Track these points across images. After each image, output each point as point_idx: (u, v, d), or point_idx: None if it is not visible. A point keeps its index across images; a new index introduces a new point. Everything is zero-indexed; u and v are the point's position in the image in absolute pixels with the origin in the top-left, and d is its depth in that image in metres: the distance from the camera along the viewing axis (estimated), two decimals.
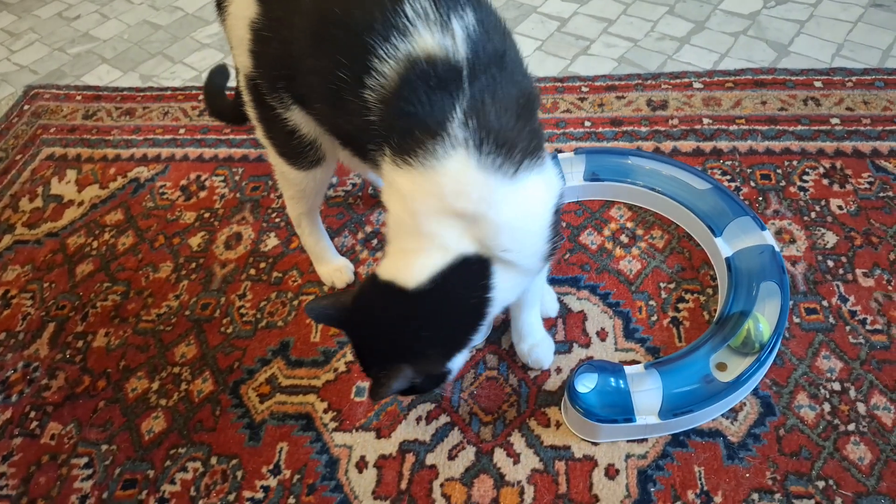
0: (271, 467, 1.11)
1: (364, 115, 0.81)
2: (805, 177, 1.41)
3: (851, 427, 1.04)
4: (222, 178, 1.66)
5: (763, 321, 1.09)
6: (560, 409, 1.12)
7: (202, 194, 1.63)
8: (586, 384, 1.06)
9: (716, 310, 1.21)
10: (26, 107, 2.03)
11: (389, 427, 1.14)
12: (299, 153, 1.09)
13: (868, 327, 1.15)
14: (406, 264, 0.85)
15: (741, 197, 1.38)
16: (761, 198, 1.38)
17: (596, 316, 1.24)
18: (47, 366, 1.33)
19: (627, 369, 1.08)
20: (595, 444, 1.07)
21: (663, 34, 1.89)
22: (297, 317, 1.32)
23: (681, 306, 1.23)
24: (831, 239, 1.29)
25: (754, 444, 1.04)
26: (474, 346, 1.22)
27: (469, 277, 0.84)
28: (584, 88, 1.71)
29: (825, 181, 1.39)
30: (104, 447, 1.19)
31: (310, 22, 0.86)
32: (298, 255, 1.43)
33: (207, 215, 1.58)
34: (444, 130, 0.76)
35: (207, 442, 1.16)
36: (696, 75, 1.68)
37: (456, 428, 1.12)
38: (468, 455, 1.09)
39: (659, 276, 1.28)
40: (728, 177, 1.43)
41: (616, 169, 1.42)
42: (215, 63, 2.11)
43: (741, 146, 1.49)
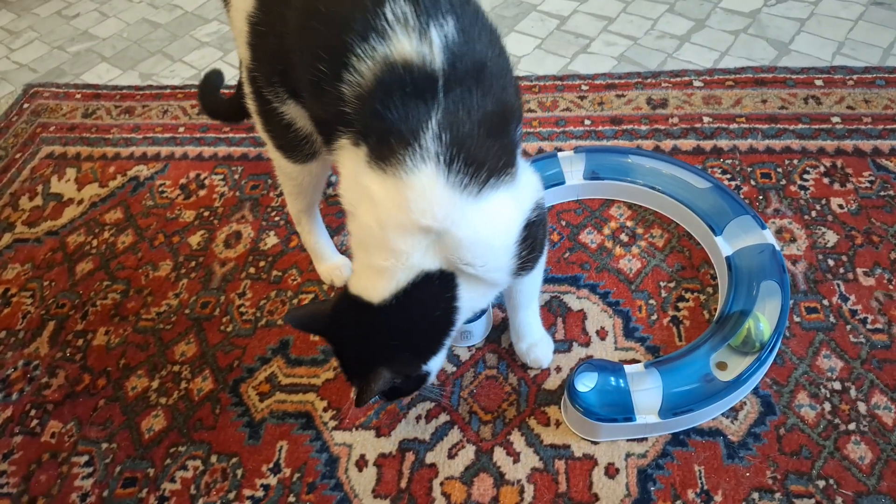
0: (271, 466, 1.12)
1: (339, 106, 0.81)
2: (805, 175, 1.40)
3: (852, 426, 1.04)
4: (222, 177, 1.66)
5: (763, 320, 1.09)
6: (560, 408, 1.12)
7: (202, 193, 1.63)
8: (586, 383, 1.06)
9: (716, 309, 1.21)
10: (26, 105, 2.03)
11: (389, 426, 1.14)
12: (296, 146, 1.10)
13: (869, 326, 1.15)
14: (371, 282, 0.87)
15: (741, 196, 1.38)
16: (762, 196, 1.38)
17: (596, 315, 1.24)
18: (47, 364, 1.34)
19: (627, 368, 1.08)
20: (595, 443, 1.07)
21: (663, 32, 1.88)
22: None
23: (681, 305, 1.23)
24: (832, 238, 1.29)
25: (754, 444, 1.04)
26: (474, 346, 1.22)
27: (433, 291, 0.86)
28: (584, 87, 1.71)
29: (826, 180, 1.39)
30: (104, 445, 1.19)
31: (298, 16, 0.86)
32: (298, 254, 1.43)
33: (207, 214, 1.57)
34: (417, 141, 0.76)
35: (207, 440, 1.16)
36: (697, 74, 1.68)
37: (456, 427, 1.12)
38: (468, 454, 1.09)
39: (659, 275, 1.28)
40: (728, 175, 1.43)
41: (616, 168, 1.41)
42: (215, 61, 2.12)
43: (741, 145, 1.49)
